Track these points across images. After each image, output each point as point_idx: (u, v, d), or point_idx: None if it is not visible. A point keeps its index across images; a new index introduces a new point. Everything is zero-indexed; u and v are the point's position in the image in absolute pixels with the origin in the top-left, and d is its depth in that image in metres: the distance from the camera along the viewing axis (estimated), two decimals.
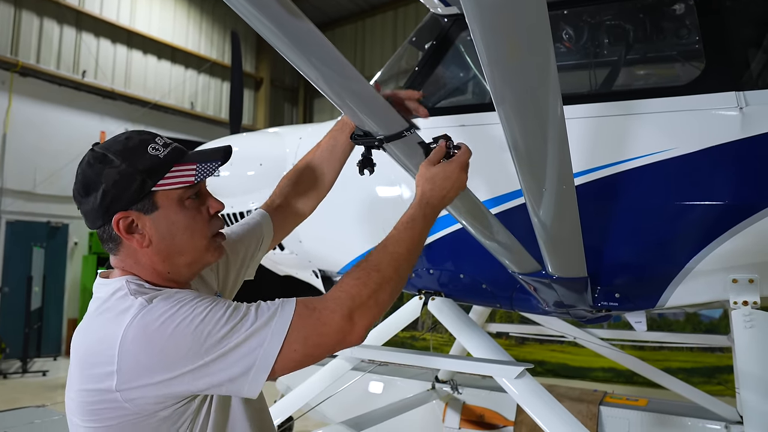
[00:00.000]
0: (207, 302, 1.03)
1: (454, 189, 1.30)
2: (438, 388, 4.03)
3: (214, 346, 0.98)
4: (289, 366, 1.03)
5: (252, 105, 13.51)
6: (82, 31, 10.23)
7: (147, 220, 1.13)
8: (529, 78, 1.07)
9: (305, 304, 1.05)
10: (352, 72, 1.17)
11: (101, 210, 1.11)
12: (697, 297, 2.00)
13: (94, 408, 1.03)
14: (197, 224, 1.18)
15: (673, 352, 7.08)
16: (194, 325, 0.99)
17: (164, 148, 1.15)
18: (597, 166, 2.06)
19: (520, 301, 2.32)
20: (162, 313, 1.01)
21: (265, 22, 1.00)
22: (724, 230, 1.90)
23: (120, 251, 1.16)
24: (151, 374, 0.98)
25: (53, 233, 9.75)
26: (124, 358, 0.98)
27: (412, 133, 1.35)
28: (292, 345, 1.01)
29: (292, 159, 3.04)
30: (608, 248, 2.07)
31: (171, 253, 1.15)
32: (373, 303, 1.08)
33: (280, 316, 1.03)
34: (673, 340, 4.13)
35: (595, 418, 3.33)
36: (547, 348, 7.98)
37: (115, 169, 1.10)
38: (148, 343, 0.99)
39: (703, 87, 1.95)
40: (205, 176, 1.15)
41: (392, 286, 1.13)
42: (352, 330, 1.05)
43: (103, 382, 1.00)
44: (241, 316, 1.02)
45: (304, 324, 1.02)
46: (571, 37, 2.36)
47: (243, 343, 0.99)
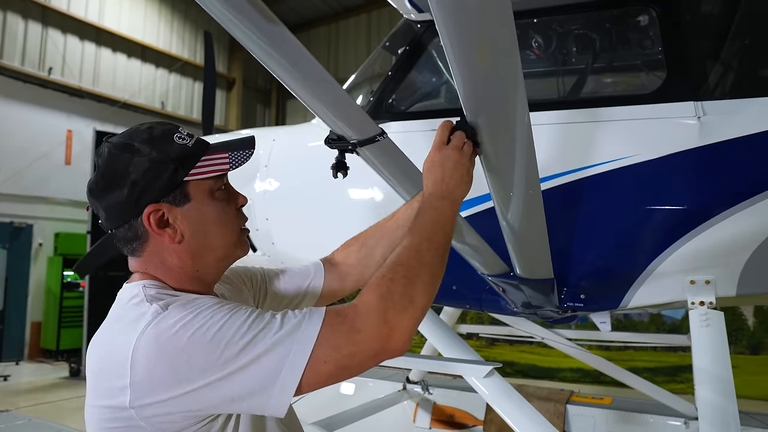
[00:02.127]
0: (227, 309, 0.94)
1: (461, 175, 1.20)
2: (409, 389, 4.08)
3: (233, 357, 0.88)
4: (320, 380, 0.91)
5: (224, 106, 13.37)
6: (48, 26, 9.97)
7: (179, 213, 1.05)
8: (498, 84, 1.10)
9: (336, 311, 0.94)
10: (325, 76, 1.19)
11: (129, 203, 1.03)
12: (657, 298, 2.08)
13: (110, 426, 0.94)
14: (228, 217, 1.11)
15: (638, 352, 7.28)
16: (211, 334, 0.89)
17: (190, 138, 1.09)
18: (563, 171, 2.13)
19: (490, 302, 2.38)
20: (177, 320, 0.91)
21: (240, 26, 1.01)
22: (683, 234, 1.98)
23: (144, 251, 1.08)
24: (165, 389, 0.89)
25: (16, 234, 9.47)
26: (136, 371, 0.89)
27: (385, 138, 1.38)
28: (321, 357, 0.89)
29: (265, 161, 3.04)
30: (574, 251, 2.14)
31: (202, 248, 1.08)
32: (407, 301, 0.96)
33: (308, 324, 0.92)
34: (636, 340, 4.27)
35: (562, 417, 3.42)
36: (516, 349, 8.11)
37: (144, 157, 1.03)
38: (162, 354, 0.89)
39: (664, 96, 2.03)
40: (239, 164, 1.10)
41: (423, 280, 1.00)
42: (391, 335, 0.93)
43: (116, 397, 0.91)
44: (264, 324, 0.92)
45: (334, 332, 0.91)
46: (539, 45, 2.43)
47: (265, 355, 0.89)
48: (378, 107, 2.64)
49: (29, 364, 9.32)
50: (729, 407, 1.70)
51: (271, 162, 3.04)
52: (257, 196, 3.04)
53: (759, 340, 7.01)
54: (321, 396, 4.21)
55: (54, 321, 9.36)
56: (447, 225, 1.14)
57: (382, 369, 4.53)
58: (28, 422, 2.94)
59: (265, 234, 3.07)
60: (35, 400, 6.91)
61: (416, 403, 4.01)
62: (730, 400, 1.71)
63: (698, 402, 1.76)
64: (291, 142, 3.09)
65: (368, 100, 2.70)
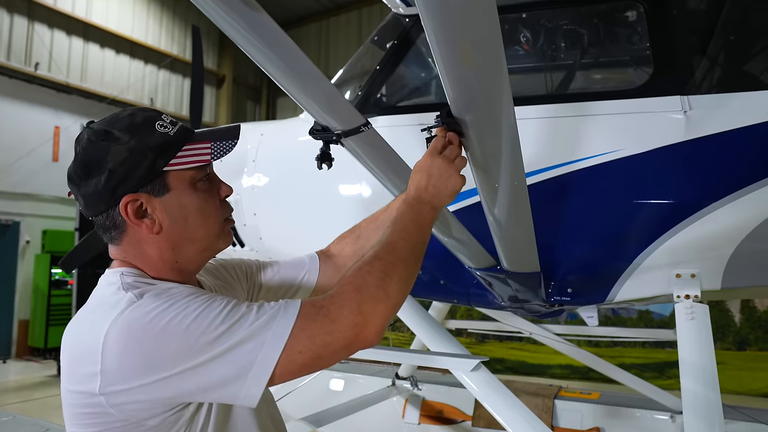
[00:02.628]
0: (203, 299, 0.93)
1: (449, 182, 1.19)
2: (398, 385, 4.08)
3: (206, 346, 0.88)
4: (294, 369, 0.91)
5: (214, 102, 13.30)
6: (34, 21, 9.86)
7: (157, 204, 1.03)
8: (483, 80, 1.10)
9: (312, 302, 0.95)
10: (308, 65, 1.18)
11: (106, 192, 1.00)
12: (644, 291, 2.09)
13: (80, 412, 0.93)
14: (210, 208, 1.08)
15: (627, 349, 7.34)
16: (185, 324, 0.89)
17: (172, 126, 1.06)
18: (550, 166, 2.13)
19: (477, 297, 2.38)
20: (151, 309, 0.91)
21: (222, 14, 1.00)
22: (668, 228, 1.99)
23: (123, 240, 1.06)
24: (136, 377, 0.88)
25: (3, 231, 9.36)
26: (107, 359, 0.88)
27: (370, 128, 1.38)
28: (296, 346, 0.90)
29: (252, 155, 3.02)
30: (561, 245, 2.14)
31: (182, 239, 1.05)
32: (383, 294, 0.97)
33: (284, 315, 0.92)
34: (623, 335, 4.29)
35: (550, 411, 3.43)
36: (506, 346, 8.14)
37: (123, 146, 1.00)
38: (133, 342, 0.88)
39: (650, 91, 2.04)
40: (221, 155, 1.06)
41: (400, 275, 1.02)
42: (365, 326, 0.94)
43: (87, 383, 0.90)
44: (240, 315, 0.91)
45: (309, 322, 0.91)
46: (527, 39, 2.43)
47: (239, 345, 0.88)
48: (366, 101, 2.63)
49: (17, 362, 9.23)
50: (713, 399, 1.71)
51: (259, 157, 3.02)
52: (245, 191, 3.02)
53: (745, 336, 7.09)
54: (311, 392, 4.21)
55: (42, 319, 9.28)
56: (425, 228, 1.16)
57: (372, 365, 4.53)
58: (14, 419, 2.91)
59: (253, 229, 3.05)
60: (22, 398, 6.85)
61: (405, 398, 4.01)
62: (714, 392, 1.72)
63: (683, 393, 1.77)
64: (279, 137, 3.07)
65: (356, 95, 2.69)
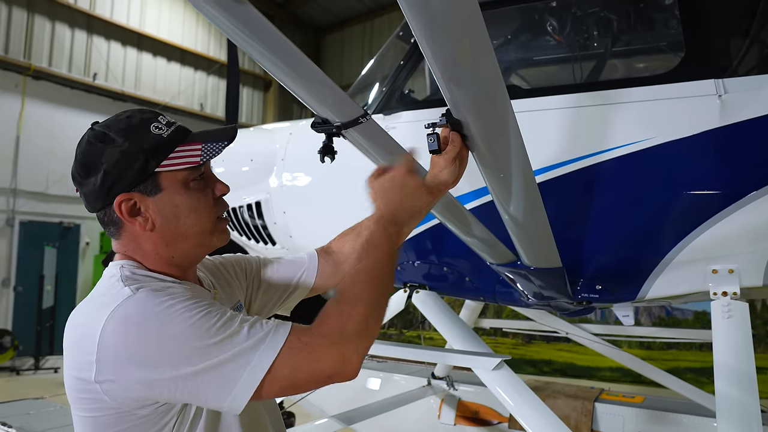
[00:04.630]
0: (199, 306, 0.96)
1: (412, 195, 1.21)
2: (434, 385, 4.02)
3: (195, 357, 0.91)
4: (274, 392, 0.96)
5: (261, 106, 13.60)
6: (93, 34, 10.38)
7: (150, 203, 1.07)
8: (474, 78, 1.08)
9: (298, 336, 0.97)
10: (303, 59, 1.17)
11: (102, 192, 1.06)
12: (677, 288, 1.97)
13: (79, 396, 0.99)
14: (202, 207, 1.12)
15: (682, 352, 6.98)
16: (179, 331, 0.92)
17: (168, 128, 1.09)
18: (577, 157, 2.04)
19: (503, 294, 2.31)
20: (147, 307, 0.95)
21: (209, 8, 1.00)
22: (704, 220, 1.87)
23: (121, 235, 1.11)
24: (126, 372, 0.93)
25: (65, 233, 9.91)
26: (103, 350, 0.93)
27: (369, 119, 1.35)
28: (277, 374, 0.94)
29: (281, 154, 3.06)
30: (589, 239, 2.05)
31: (175, 237, 1.10)
32: (364, 334, 1.01)
33: (271, 341, 0.95)
34: (663, 335, 4.07)
35: (590, 415, 3.29)
36: (554, 347, 7.91)
37: (116, 148, 1.05)
38: (127, 339, 0.93)
39: (682, 75, 1.92)
40: (210, 157, 1.09)
41: (375, 311, 1.04)
42: (346, 366, 0.97)
43: (84, 371, 0.95)
44: (231, 331, 0.94)
45: (294, 355, 0.95)
46: (554, 28, 2.34)
47: (226, 363, 0.92)
48: (391, 97, 2.61)
49: None
50: (750, 404, 1.59)
51: (288, 155, 3.05)
52: (275, 190, 3.06)
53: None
54: (347, 391, 4.22)
55: None
56: (395, 250, 1.16)
57: (409, 364, 4.49)
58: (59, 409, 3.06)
59: (283, 227, 3.09)
60: None
61: (441, 398, 3.94)
62: (752, 397, 1.60)
63: (717, 398, 1.66)
64: (307, 136, 3.08)
65: (381, 91, 2.67)
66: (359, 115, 1.32)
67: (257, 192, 3.16)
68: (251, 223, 3.20)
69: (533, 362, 8.09)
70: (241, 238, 3.34)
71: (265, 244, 3.24)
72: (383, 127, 2.62)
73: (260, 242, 3.24)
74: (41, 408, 3.05)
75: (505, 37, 2.57)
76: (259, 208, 3.14)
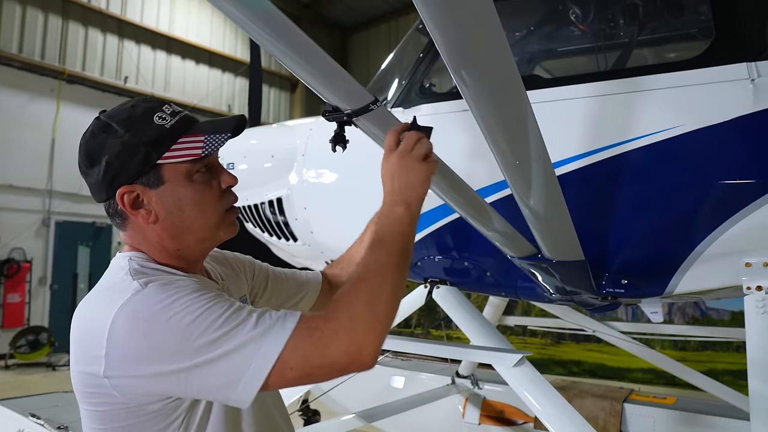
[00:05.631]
0: (206, 298, 0.95)
1: (417, 170, 1.13)
2: (458, 383, 3.97)
3: (204, 348, 0.90)
4: (284, 383, 0.93)
5: (288, 106, 13.71)
6: (124, 38, 10.63)
7: (153, 195, 1.05)
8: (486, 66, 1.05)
9: (308, 322, 0.94)
10: (312, 46, 1.15)
11: (105, 183, 1.05)
12: (707, 283, 1.88)
13: (87, 391, 0.98)
14: (207, 200, 1.09)
15: (718, 353, 6.73)
16: (187, 321, 0.91)
17: (172, 117, 1.06)
18: (602, 147, 1.97)
19: (525, 290, 2.25)
20: (156, 302, 0.93)
21: None
22: (736, 210, 1.78)
23: (127, 227, 1.10)
24: (136, 366, 0.92)
25: (98, 233, 10.16)
26: (111, 344, 0.92)
27: (380, 106, 1.32)
28: (288, 363, 0.91)
29: (302, 150, 3.05)
30: (614, 232, 1.98)
31: (180, 230, 1.08)
32: (374, 318, 0.97)
33: (280, 329, 0.92)
34: (696, 334, 3.91)
35: (619, 415, 3.19)
36: (583, 347, 7.72)
37: (118, 139, 1.03)
38: (136, 333, 0.91)
39: (711, 60, 1.84)
40: (214, 149, 1.06)
41: (387, 293, 1.00)
42: (360, 352, 0.94)
43: (92, 365, 0.94)
44: (239, 321, 0.92)
45: (303, 343, 0.92)
46: (577, 15, 2.27)
47: (235, 351, 0.90)
48: (410, 90, 2.58)
49: None
50: None
51: (308, 151, 3.04)
52: (295, 186, 3.05)
53: None
54: (371, 388, 4.21)
55: None
56: (406, 230, 1.10)
57: (433, 363, 4.45)
58: None
59: (303, 223, 3.08)
60: None
61: (465, 397, 3.89)
62: None
63: (751, 398, 1.58)
64: (327, 131, 3.07)
65: (401, 84, 2.64)
66: (370, 101, 1.30)
67: (278, 188, 3.16)
68: (273, 220, 3.20)
69: (562, 362, 7.93)
70: (263, 234, 3.35)
71: (287, 240, 3.24)
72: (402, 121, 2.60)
73: (282, 239, 3.24)
74: (69, 401, 3.11)
75: (529, 25, 2.51)
76: (280, 205, 3.14)
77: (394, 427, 3.65)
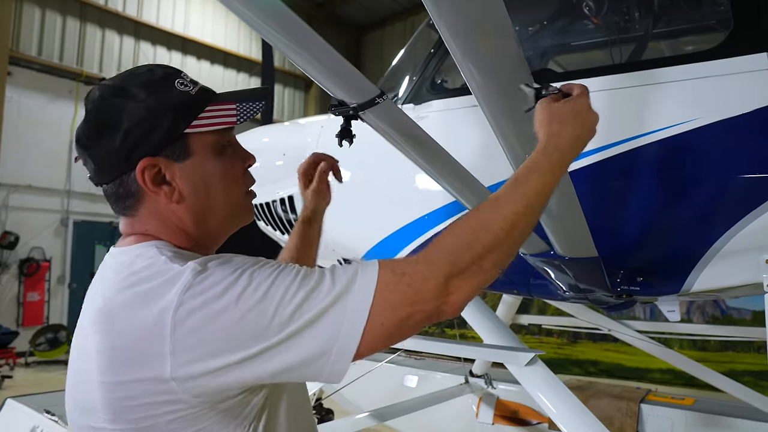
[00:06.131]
0: (271, 267, 0.84)
1: (586, 129, 1.05)
2: (472, 383, 3.93)
3: (287, 320, 0.79)
4: (378, 343, 0.82)
5: (302, 105, 13.75)
6: (140, 40, 10.75)
7: (177, 169, 0.92)
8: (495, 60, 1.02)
9: (392, 268, 0.84)
10: (318, 40, 1.14)
11: (121, 156, 0.90)
12: (727, 280, 1.82)
13: (136, 404, 0.81)
14: (233, 176, 0.99)
15: (739, 354, 6.61)
16: (260, 294, 0.80)
17: (193, 85, 0.95)
18: (615, 142, 1.93)
19: (538, 287, 2.21)
20: (221, 279, 0.81)
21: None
22: (756, 205, 1.73)
23: (139, 210, 0.94)
24: (213, 356, 0.78)
25: (114, 232, 10.27)
26: (179, 337, 0.78)
27: (386, 100, 1.30)
28: (378, 318, 0.81)
29: (313, 147, 3.05)
30: (629, 228, 1.93)
31: (204, 210, 0.96)
32: (476, 270, 0.87)
33: (362, 281, 0.82)
34: (713, 333, 3.84)
35: (635, 416, 3.14)
36: (600, 347, 7.63)
37: (140, 104, 0.89)
38: (209, 318, 0.78)
39: (730, 50, 1.78)
40: (248, 117, 0.97)
41: (503, 252, 0.90)
42: (448, 299, 0.84)
43: (152, 368, 0.79)
44: (314, 282, 0.82)
45: (391, 292, 0.82)
46: (590, 7, 2.23)
47: (321, 317, 0.80)
48: (421, 86, 2.56)
49: None
50: None
51: (319, 149, 3.03)
52: None
53: None
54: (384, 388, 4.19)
55: None
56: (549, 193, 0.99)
57: (446, 362, 4.42)
58: None
59: None
60: None
61: (479, 397, 3.86)
62: None
63: None
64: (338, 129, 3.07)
65: (412, 80, 2.62)
66: (375, 95, 1.28)
67: (290, 186, 3.15)
68: (284, 217, 3.20)
69: (579, 362, 7.84)
70: (275, 232, 3.35)
71: None
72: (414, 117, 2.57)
73: None
74: None
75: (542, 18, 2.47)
76: (292, 203, 3.14)
77: (408, 426, 3.63)
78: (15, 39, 9.17)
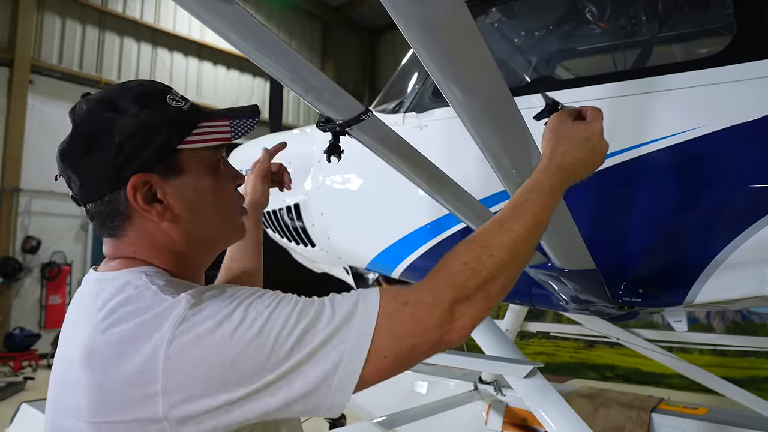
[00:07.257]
0: (269, 297, 0.81)
1: (596, 155, 1.05)
2: (481, 390, 3.91)
3: (286, 355, 0.76)
4: (380, 375, 0.80)
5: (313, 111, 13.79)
6: (157, 46, 10.93)
7: (169, 187, 0.90)
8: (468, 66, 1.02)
9: (394, 297, 0.82)
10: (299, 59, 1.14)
11: (111, 172, 0.86)
12: (730, 292, 1.78)
13: None
14: (226, 195, 0.99)
15: (761, 360, 6.45)
16: (257, 328, 0.76)
17: (184, 101, 0.94)
18: (615, 151, 1.90)
19: (540, 297, 2.19)
20: (216, 313, 0.77)
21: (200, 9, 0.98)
22: (759, 217, 1.69)
23: (127, 230, 0.91)
24: (210, 396, 0.75)
25: None
26: (171, 375, 0.74)
27: (371, 116, 1.31)
28: (380, 350, 0.78)
29: (318, 156, 3.06)
30: (630, 239, 1.90)
31: (196, 228, 0.93)
32: (482, 297, 0.85)
33: (364, 311, 0.80)
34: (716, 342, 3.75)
35: (646, 426, 3.08)
36: (617, 352, 7.52)
37: (132, 118, 0.87)
38: (203, 355, 0.75)
39: (733, 57, 1.74)
40: (242, 134, 0.96)
41: (507, 275, 0.89)
42: (453, 326, 0.82)
43: (142, 409, 0.75)
44: (314, 313, 0.79)
45: (393, 322, 0.79)
46: (593, 13, 2.20)
47: (320, 349, 0.77)
48: (423, 95, 2.56)
49: None
50: None
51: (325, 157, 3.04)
52: (312, 192, 3.06)
53: None
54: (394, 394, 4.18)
55: None
56: (551, 212, 0.98)
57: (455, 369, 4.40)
58: None
59: (321, 229, 3.08)
60: None
61: (488, 404, 3.83)
62: None
63: None
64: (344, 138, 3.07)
65: (414, 89, 2.62)
66: (360, 112, 1.28)
67: (296, 194, 3.17)
68: (291, 225, 3.22)
69: (595, 367, 7.74)
70: (282, 240, 3.37)
71: (305, 245, 3.25)
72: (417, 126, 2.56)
73: (300, 244, 3.26)
74: None
75: (545, 25, 2.44)
76: (298, 210, 3.15)
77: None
78: (36, 48, 9.38)
